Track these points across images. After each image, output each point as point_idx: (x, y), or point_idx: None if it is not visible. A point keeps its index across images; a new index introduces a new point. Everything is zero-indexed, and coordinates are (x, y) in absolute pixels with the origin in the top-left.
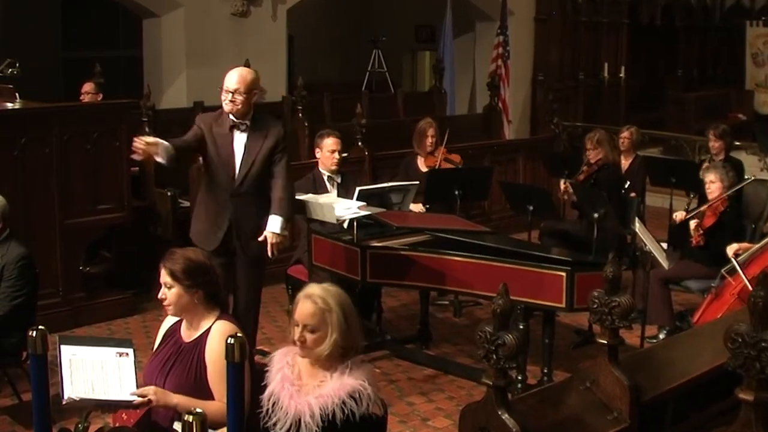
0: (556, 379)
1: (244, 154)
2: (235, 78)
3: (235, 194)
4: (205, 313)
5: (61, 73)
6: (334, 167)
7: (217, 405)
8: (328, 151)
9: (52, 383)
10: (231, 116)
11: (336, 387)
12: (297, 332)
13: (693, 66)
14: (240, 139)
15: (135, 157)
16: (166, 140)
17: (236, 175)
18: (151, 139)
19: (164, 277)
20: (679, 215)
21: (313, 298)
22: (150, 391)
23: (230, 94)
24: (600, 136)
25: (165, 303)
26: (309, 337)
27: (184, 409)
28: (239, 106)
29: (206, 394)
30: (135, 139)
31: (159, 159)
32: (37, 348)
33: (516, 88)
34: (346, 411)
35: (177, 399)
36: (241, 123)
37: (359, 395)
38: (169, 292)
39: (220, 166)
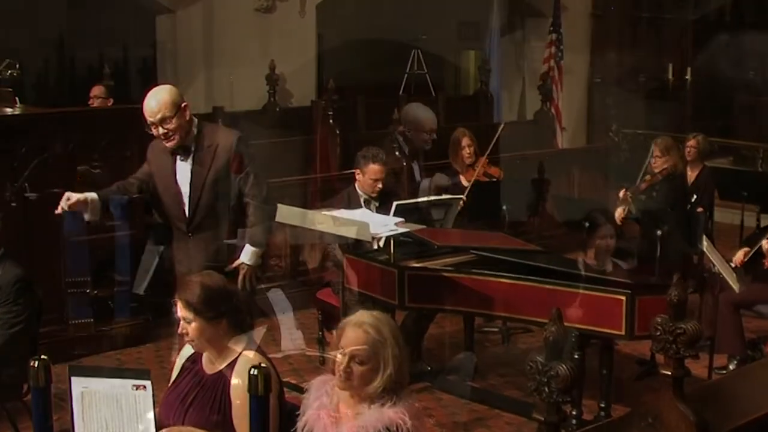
0: (615, 415)
1: (191, 182)
2: (153, 104)
3: (193, 231)
4: (231, 342)
5: (66, 74)
6: (374, 194)
7: None
8: (370, 179)
9: (55, 419)
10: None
11: (374, 419)
12: (343, 362)
13: (766, 67)
14: (184, 167)
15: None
16: (98, 192)
17: (186, 210)
18: (77, 196)
19: (182, 310)
20: (738, 258)
21: (365, 327)
22: None
23: (157, 128)
24: (669, 143)
25: (187, 339)
26: (357, 369)
27: None
28: (175, 135)
29: None
30: (65, 196)
31: (86, 216)
32: (39, 380)
33: (570, 92)
34: None
35: None
36: (181, 147)
37: (397, 429)
38: (190, 326)
39: (168, 202)
